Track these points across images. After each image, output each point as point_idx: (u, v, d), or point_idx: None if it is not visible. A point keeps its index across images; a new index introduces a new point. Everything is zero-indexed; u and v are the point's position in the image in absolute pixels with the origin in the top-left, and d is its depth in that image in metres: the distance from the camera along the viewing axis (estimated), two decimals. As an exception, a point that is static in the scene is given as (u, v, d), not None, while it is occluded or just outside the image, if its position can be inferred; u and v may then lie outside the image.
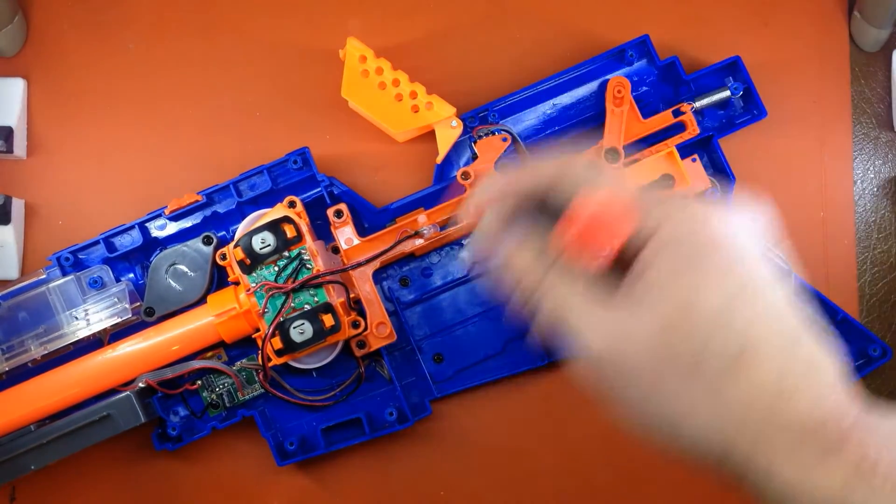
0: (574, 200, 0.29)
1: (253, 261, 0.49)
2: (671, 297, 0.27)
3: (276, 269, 0.49)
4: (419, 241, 0.52)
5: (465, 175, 0.52)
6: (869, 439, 0.26)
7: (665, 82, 0.55)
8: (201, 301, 0.52)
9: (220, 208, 0.53)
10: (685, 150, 0.53)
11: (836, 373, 0.27)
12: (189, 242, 0.52)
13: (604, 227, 0.29)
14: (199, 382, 0.53)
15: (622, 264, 0.30)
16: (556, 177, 0.31)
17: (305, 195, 0.53)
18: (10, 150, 0.55)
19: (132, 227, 0.53)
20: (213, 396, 0.53)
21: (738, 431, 0.27)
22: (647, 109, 0.54)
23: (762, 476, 0.27)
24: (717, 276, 0.27)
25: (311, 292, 0.49)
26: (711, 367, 0.27)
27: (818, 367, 0.27)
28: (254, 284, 0.49)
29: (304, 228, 0.49)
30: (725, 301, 0.27)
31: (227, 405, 0.53)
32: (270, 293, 0.48)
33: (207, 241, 0.52)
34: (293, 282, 0.49)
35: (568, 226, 0.29)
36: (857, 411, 0.27)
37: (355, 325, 0.51)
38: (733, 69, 0.54)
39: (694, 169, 0.53)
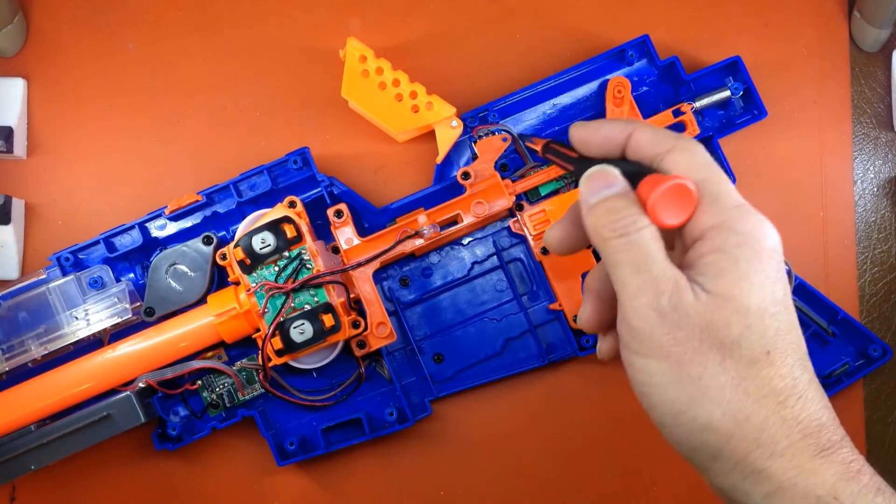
0: (675, 163, 0.32)
1: (253, 261, 0.49)
2: (726, 283, 0.30)
3: (277, 269, 0.49)
4: (419, 241, 0.52)
5: (466, 175, 0.52)
6: (855, 453, 0.30)
7: (665, 82, 0.55)
8: (201, 301, 0.52)
9: (220, 208, 0.53)
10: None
11: (826, 398, 0.31)
12: (189, 242, 0.52)
13: (686, 197, 0.31)
14: (199, 382, 0.53)
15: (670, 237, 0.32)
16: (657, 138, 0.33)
17: (305, 195, 0.53)
18: (10, 150, 0.55)
19: (132, 227, 0.53)
20: (213, 396, 0.53)
21: (747, 419, 0.29)
22: (648, 109, 0.54)
23: (750, 479, 0.30)
24: (766, 281, 0.30)
25: (311, 292, 0.49)
26: (741, 356, 0.30)
27: (817, 386, 0.31)
28: (254, 284, 0.49)
29: (304, 228, 0.49)
30: (767, 305, 0.30)
31: (227, 405, 0.53)
32: (270, 293, 0.48)
33: (207, 241, 0.52)
34: (293, 282, 0.49)
35: (662, 182, 0.31)
36: (843, 432, 0.30)
37: (355, 325, 0.51)
38: (733, 69, 0.54)
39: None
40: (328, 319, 0.48)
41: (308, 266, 0.49)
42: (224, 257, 0.51)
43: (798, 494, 0.29)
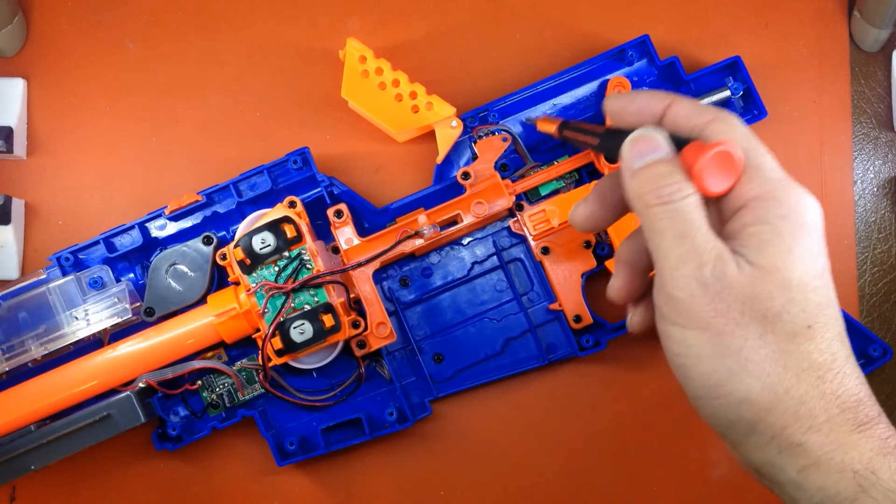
0: (723, 129, 0.32)
1: (253, 261, 0.49)
2: (770, 255, 0.30)
3: (277, 269, 0.49)
4: (419, 241, 0.52)
5: (466, 175, 0.52)
6: (892, 429, 0.29)
7: (665, 82, 0.55)
8: (201, 301, 0.52)
9: (220, 208, 0.53)
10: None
11: (862, 374, 0.31)
12: (189, 242, 0.52)
13: (732, 164, 0.30)
14: (199, 382, 0.53)
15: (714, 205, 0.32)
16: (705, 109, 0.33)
17: (305, 195, 0.53)
18: (10, 150, 0.55)
19: (132, 227, 0.53)
20: (213, 396, 0.53)
21: (786, 392, 0.29)
22: (647, 109, 0.54)
23: (786, 453, 0.29)
24: (810, 254, 0.30)
25: (311, 292, 0.49)
26: (782, 330, 0.29)
27: (854, 362, 0.31)
28: (254, 284, 0.49)
29: (304, 228, 0.49)
30: (809, 278, 0.30)
31: (227, 405, 0.53)
32: (270, 293, 0.48)
33: (207, 241, 0.52)
34: (293, 282, 0.49)
35: (709, 148, 0.30)
36: (880, 408, 0.30)
37: (355, 325, 0.51)
38: (733, 69, 0.54)
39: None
40: (328, 319, 0.48)
41: (308, 266, 0.49)
42: (224, 257, 0.51)
43: (834, 469, 0.29)
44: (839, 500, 0.29)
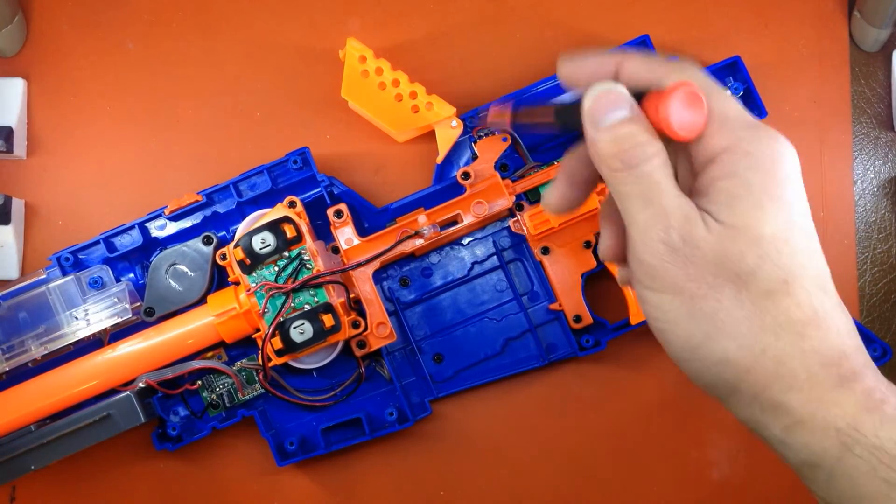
0: (686, 72, 0.30)
1: (253, 261, 0.49)
2: (739, 212, 0.29)
3: (277, 269, 0.49)
4: (419, 241, 0.52)
5: (466, 175, 0.52)
6: (879, 380, 0.28)
7: (665, 82, 0.55)
8: (201, 301, 0.52)
9: (220, 208, 0.53)
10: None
11: (851, 321, 0.30)
12: (189, 242, 0.52)
13: (698, 106, 0.29)
14: (199, 382, 0.53)
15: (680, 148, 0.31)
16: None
17: (305, 195, 0.53)
18: (10, 150, 0.55)
19: (132, 227, 0.53)
20: (213, 396, 0.53)
21: (763, 352, 0.28)
22: (647, 109, 0.54)
23: (769, 412, 0.29)
24: (782, 206, 0.29)
25: (311, 292, 0.49)
26: (757, 288, 0.28)
27: (842, 310, 0.29)
28: (254, 284, 0.49)
29: (304, 228, 0.49)
30: (782, 231, 0.29)
31: (227, 405, 0.53)
32: (270, 293, 0.48)
33: (207, 241, 0.52)
34: (293, 282, 0.49)
35: (672, 91, 0.29)
36: (867, 358, 0.29)
37: (355, 325, 0.51)
38: (733, 69, 0.54)
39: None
40: (328, 319, 0.48)
41: (308, 266, 0.49)
42: (224, 257, 0.51)
43: (817, 427, 0.28)
44: (825, 458, 0.28)
